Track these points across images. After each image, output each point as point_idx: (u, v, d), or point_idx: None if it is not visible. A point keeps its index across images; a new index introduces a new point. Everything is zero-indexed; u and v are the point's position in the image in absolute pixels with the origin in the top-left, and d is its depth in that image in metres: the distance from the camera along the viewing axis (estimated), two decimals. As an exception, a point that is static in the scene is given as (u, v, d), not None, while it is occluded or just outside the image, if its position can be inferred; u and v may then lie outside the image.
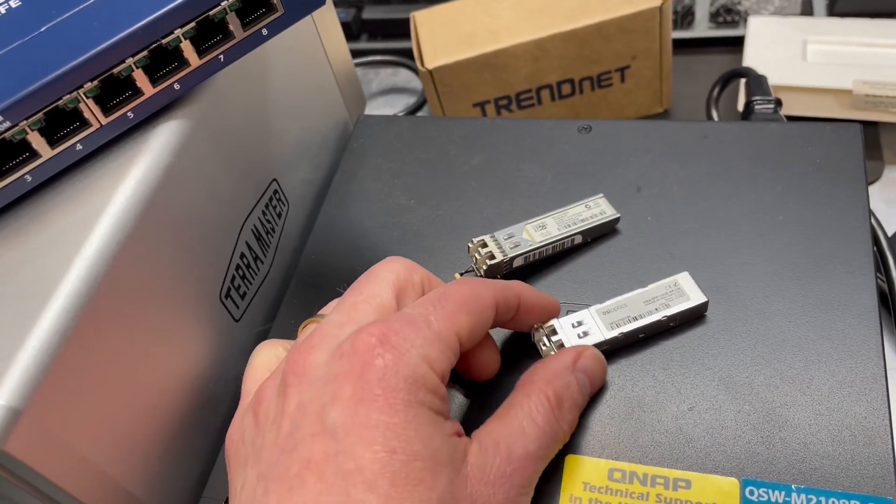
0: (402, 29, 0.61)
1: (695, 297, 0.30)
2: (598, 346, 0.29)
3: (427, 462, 0.22)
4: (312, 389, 0.23)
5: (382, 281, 0.26)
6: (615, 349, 0.30)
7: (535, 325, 0.30)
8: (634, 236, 0.34)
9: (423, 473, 0.22)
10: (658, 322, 0.30)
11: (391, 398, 0.22)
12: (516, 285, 0.28)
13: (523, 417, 0.25)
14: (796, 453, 0.27)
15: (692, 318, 0.31)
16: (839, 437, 0.27)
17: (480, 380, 0.30)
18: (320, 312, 0.29)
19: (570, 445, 0.28)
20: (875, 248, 0.38)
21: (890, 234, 0.40)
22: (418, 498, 0.22)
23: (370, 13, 0.63)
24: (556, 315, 0.30)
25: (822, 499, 0.26)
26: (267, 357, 0.28)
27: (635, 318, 0.30)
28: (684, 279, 0.31)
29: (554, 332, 0.30)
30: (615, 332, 0.30)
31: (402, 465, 0.22)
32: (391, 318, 0.24)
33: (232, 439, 0.26)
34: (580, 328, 0.30)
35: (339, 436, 0.22)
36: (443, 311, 0.25)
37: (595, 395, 0.29)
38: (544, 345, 0.30)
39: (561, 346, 0.29)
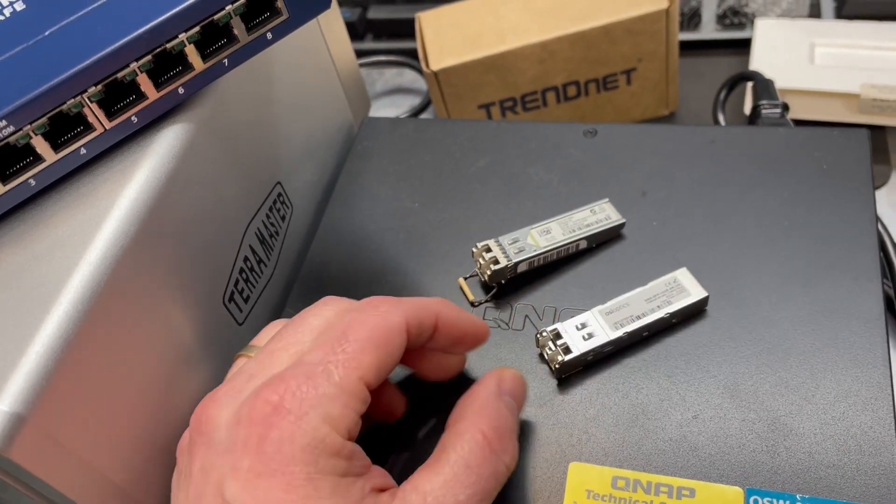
0: (407, 29, 0.60)
1: (695, 293, 0.31)
2: (603, 346, 0.29)
3: None
4: (213, 455, 0.23)
5: (307, 327, 0.25)
6: (620, 350, 0.30)
7: (540, 331, 0.30)
8: (639, 241, 0.34)
9: None
10: (661, 319, 0.30)
11: (289, 473, 0.21)
12: (434, 303, 0.26)
13: (455, 462, 0.23)
14: (801, 462, 0.27)
15: (694, 313, 0.31)
16: (844, 446, 0.27)
17: (389, 421, 0.29)
18: (252, 343, 0.28)
19: (574, 453, 0.28)
20: (882, 254, 0.37)
21: (897, 239, 0.39)
22: None
23: (375, 13, 0.63)
24: (484, 339, 0.28)
25: (827, 509, 0.26)
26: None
27: (638, 317, 0.30)
28: (683, 275, 0.31)
29: (558, 335, 0.30)
30: (620, 332, 0.30)
31: None
32: (288, 373, 0.23)
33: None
34: (584, 330, 0.30)
35: None
36: (344, 356, 0.23)
37: (599, 401, 0.29)
38: (550, 349, 0.30)
39: (567, 349, 0.29)
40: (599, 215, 0.34)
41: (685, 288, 0.31)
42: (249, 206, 0.34)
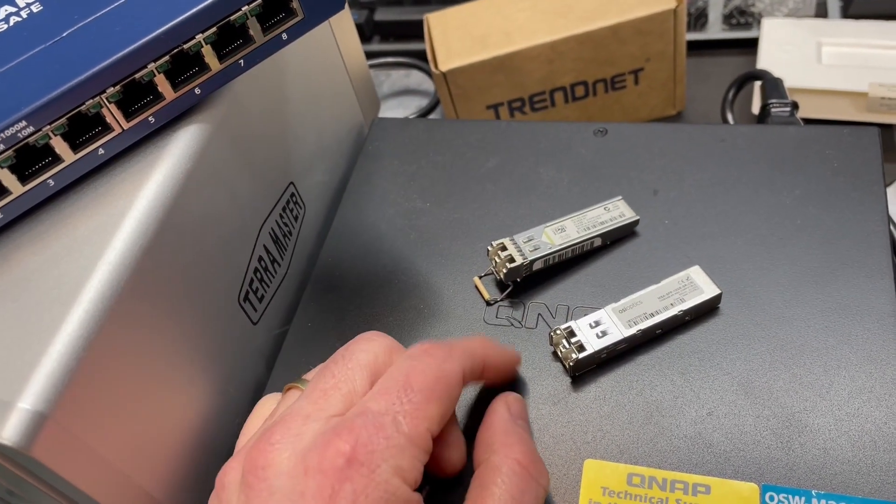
0: (414, 30, 0.61)
1: (708, 290, 0.31)
2: (617, 344, 0.30)
3: None
4: (274, 502, 0.22)
5: (356, 363, 0.25)
6: (633, 347, 0.30)
7: (554, 329, 0.30)
8: (652, 240, 0.34)
9: None
10: (674, 317, 0.30)
11: None
12: (479, 347, 0.27)
13: (501, 497, 0.23)
14: (816, 459, 0.27)
15: (707, 310, 0.31)
16: (859, 442, 0.27)
17: (445, 476, 0.27)
18: (305, 377, 0.27)
19: (589, 450, 0.28)
20: (894, 252, 0.38)
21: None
22: None
23: (382, 15, 0.63)
24: (516, 368, 0.30)
25: (843, 504, 0.26)
26: (265, 412, 0.27)
27: (651, 315, 0.30)
28: (696, 273, 0.31)
29: (572, 333, 0.30)
30: (633, 330, 0.30)
31: None
32: (357, 422, 0.22)
33: None
34: (598, 328, 0.30)
35: None
36: (410, 406, 0.23)
37: (614, 399, 0.29)
38: (564, 347, 0.30)
39: (581, 347, 0.29)
40: (613, 213, 0.34)
41: (698, 286, 0.31)
42: (264, 206, 0.35)
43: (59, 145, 0.27)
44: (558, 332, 0.30)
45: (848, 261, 0.32)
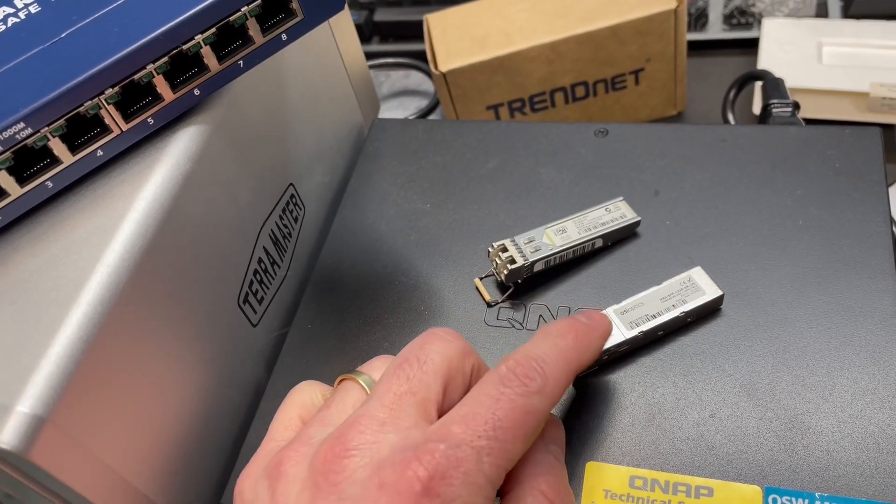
0: (413, 31, 0.60)
1: (710, 292, 0.31)
2: (618, 346, 0.29)
3: None
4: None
5: (432, 368, 0.24)
6: (635, 349, 0.30)
7: None
8: (653, 241, 0.34)
9: None
10: (676, 318, 0.30)
11: None
12: (568, 372, 0.25)
13: None
14: (819, 461, 0.27)
15: (709, 312, 0.31)
16: (863, 444, 0.27)
17: None
18: (360, 369, 0.26)
19: (591, 452, 0.28)
20: None
21: (908, 237, 0.39)
22: None
23: (382, 15, 0.63)
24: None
25: (847, 507, 0.26)
26: (304, 399, 0.26)
27: (653, 317, 0.30)
28: (698, 274, 0.31)
29: None
30: (635, 332, 0.30)
31: None
32: (439, 449, 0.22)
33: (242, 495, 0.24)
34: None
35: None
36: (495, 444, 0.22)
37: (615, 401, 0.29)
38: None
39: None
40: (614, 213, 0.34)
41: (700, 287, 0.31)
42: (263, 208, 0.34)
43: (58, 147, 0.27)
44: None
45: (850, 261, 0.32)
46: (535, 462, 0.24)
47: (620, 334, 0.30)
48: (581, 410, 0.29)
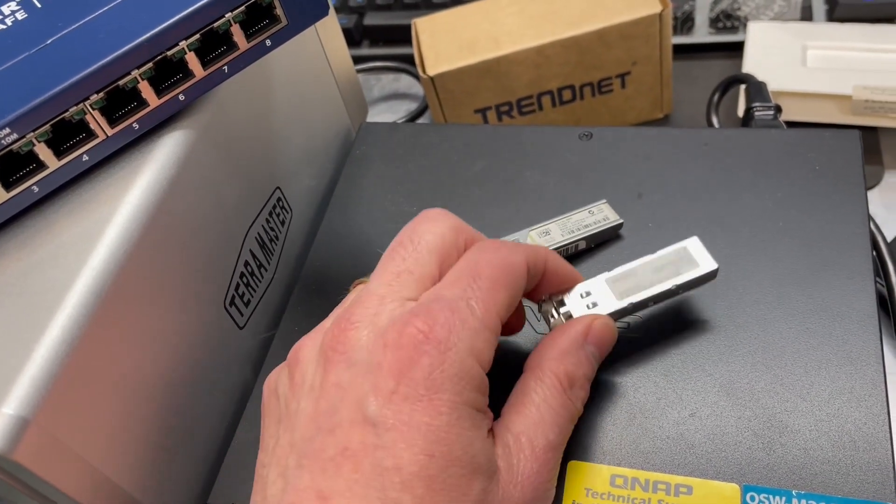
0: (403, 35, 0.61)
1: (704, 265, 0.29)
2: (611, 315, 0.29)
3: (464, 468, 0.22)
4: (353, 373, 0.23)
5: (426, 247, 0.26)
6: (622, 318, 0.30)
7: (543, 296, 0.30)
8: (636, 243, 0.34)
9: (458, 480, 0.22)
10: (668, 291, 0.29)
11: (436, 399, 0.22)
12: (541, 250, 0.28)
13: (540, 404, 0.25)
14: (797, 459, 0.27)
15: (702, 284, 0.30)
16: (839, 442, 0.27)
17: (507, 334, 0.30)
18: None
19: (573, 452, 0.28)
20: (874, 254, 0.38)
21: (889, 238, 0.40)
22: (450, 501, 0.22)
23: (371, 19, 0.63)
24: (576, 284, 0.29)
25: (823, 504, 0.26)
26: None
27: (645, 287, 0.29)
28: (694, 245, 0.30)
29: (562, 303, 0.29)
30: (624, 303, 0.29)
31: (440, 469, 0.22)
32: (434, 306, 0.23)
33: (269, 387, 0.27)
34: (588, 298, 0.29)
35: (380, 430, 0.22)
36: (481, 293, 0.24)
37: (597, 400, 0.30)
38: (552, 316, 0.29)
39: (569, 317, 0.29)
40: (598, 216, 0.34)
41: (694, 259, 0.30)
42: (249, 211, 0.35)
43: (43, 152, 0.27)
44: (549, 300, 0.29)
45: (829, 263, 0.32)
46: (564, 352, 0.26)
47: (609, 305, 0.29)
48: (563, 410, 0.30)
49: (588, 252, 0.34)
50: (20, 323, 0.25)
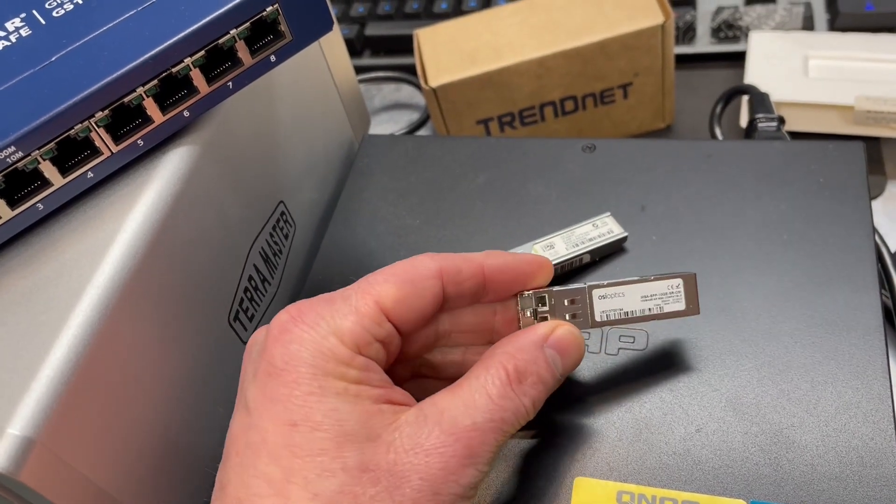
0: (404, 45, 0.61)
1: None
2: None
3: (329, 432, 0.23)
4: (245, 366, 0.25)
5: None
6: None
7: (521, 293, 0.28)
8: (640, 256, 0.34)
9: (325, 444, 0.23)
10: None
11: (295, 371, 0.23)
12: (477, 255, 0.27)
13: (476, 389, 0.25)
14: (804, 475, 0.27)
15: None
16: (846, 458, 0.27)
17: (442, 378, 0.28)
18: None
19: (579, 468, 0.28)
20: (879, 265, 0.38)
21: (893, 250, 0.40)
22: (320, 468, 0.22)
23: (373, 29, 0.63)
24: (544, 270, 0.28)
25: (831, 521, 0.26)
26: None
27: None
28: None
29: (542, 302, 0.28)
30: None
31: (303, 436, 0.23)
32: (316, 298, 0.25)
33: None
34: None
35: (251, 410, 0.24)
36: (365, 284, 0.25)
37: (603, 416, 0.29)
38: (525, 315, 0.28)
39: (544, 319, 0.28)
40: (602, 229, 0.34)
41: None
42: (253, 226, 0.35)
43: (48, 169, 0.27)
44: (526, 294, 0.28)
45: (834, 275, 0.32)
46: (521, 348, 0.26)
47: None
48: (568, 426, 0.30)
49: (592, 265, 0.34)
50: (25, 342, 0.25)
